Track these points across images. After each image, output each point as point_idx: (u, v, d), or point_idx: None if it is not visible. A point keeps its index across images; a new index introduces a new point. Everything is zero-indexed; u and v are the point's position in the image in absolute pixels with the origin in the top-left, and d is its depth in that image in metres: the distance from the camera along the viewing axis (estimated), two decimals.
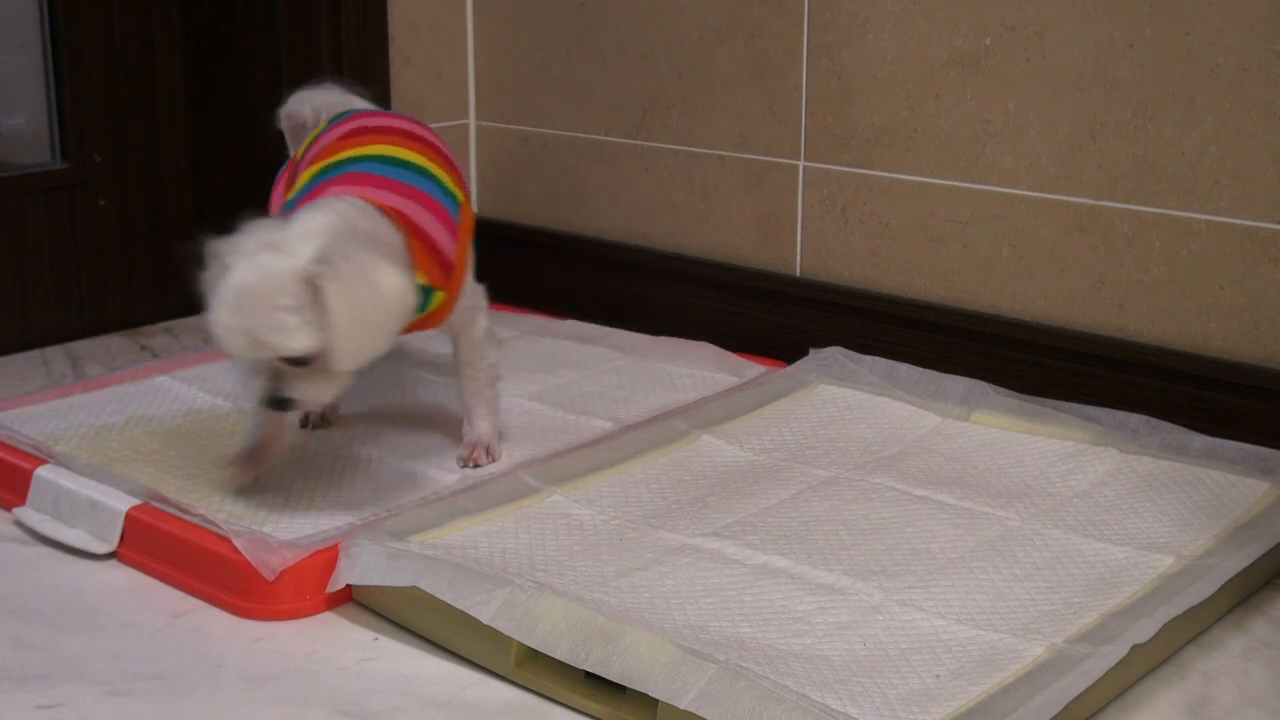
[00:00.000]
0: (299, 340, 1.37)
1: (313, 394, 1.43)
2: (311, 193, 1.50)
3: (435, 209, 1.52)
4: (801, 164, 2.01)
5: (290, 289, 1.35)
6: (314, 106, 1.71)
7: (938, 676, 1.21)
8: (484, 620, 1.28)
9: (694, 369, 1.95)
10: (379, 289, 1.39)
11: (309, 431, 1.73)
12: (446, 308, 1.53)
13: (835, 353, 1.92)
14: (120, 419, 1.76)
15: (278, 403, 1.43)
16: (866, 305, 1.96)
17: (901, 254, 1.94)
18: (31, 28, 2.18)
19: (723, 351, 1.99)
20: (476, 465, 1.63)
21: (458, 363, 1.63)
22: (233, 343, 1.38)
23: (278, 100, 1.74)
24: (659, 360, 1.99)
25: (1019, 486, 1.59)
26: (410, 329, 1.50)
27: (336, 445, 1.69)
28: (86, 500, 1.54)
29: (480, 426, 1.64)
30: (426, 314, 1.50)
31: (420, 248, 1.47)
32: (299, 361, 1.39)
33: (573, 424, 1.76)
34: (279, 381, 1.41)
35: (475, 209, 1.73)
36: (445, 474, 1.61)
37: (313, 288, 1.36)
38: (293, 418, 1.74)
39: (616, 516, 1.52)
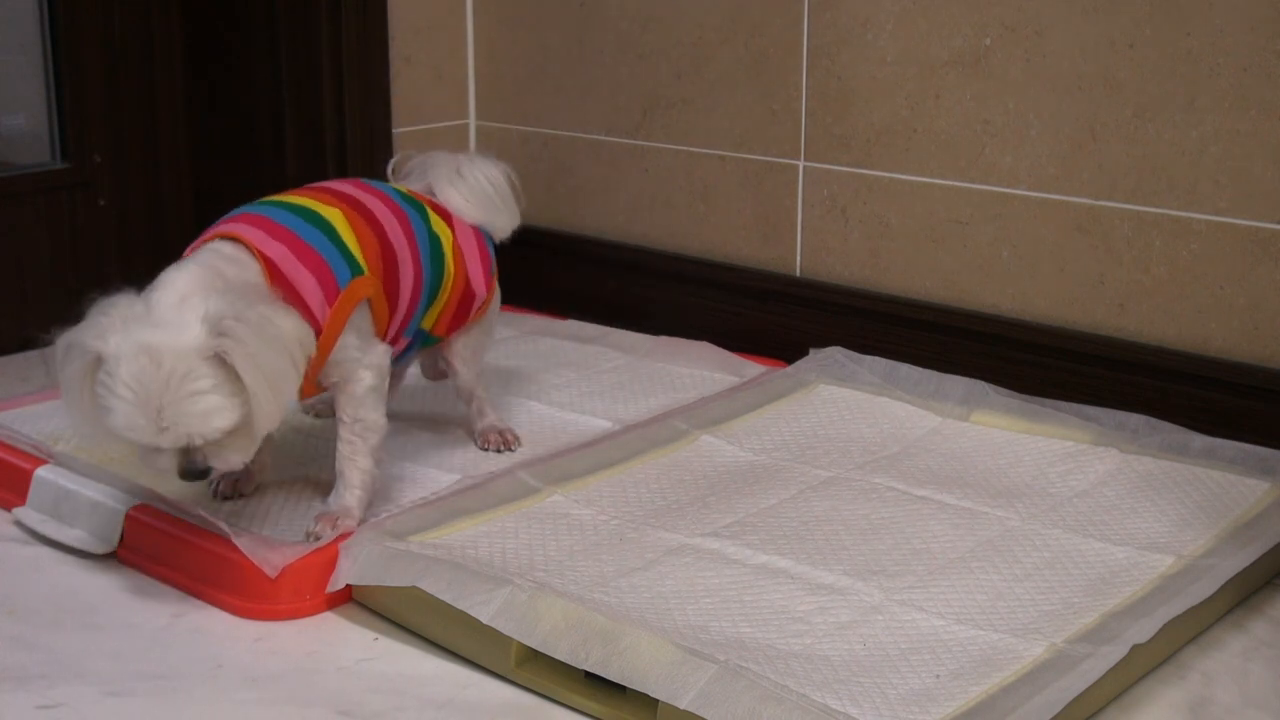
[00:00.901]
0: (224, 419, 1.28)
1: (235, 458, 1.33)
2: (205, 231, 1.43)
3: (311, 261, 1.40)
4: (801, 164, 2.01)
5: (200, 370, 1.26)
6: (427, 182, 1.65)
7: (938, 676, 1.21)
8: (484, 620, 1.28)
9: (694, 369, 1.95)
10: (279, 339, 1.31)
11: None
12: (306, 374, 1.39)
13: (835, 353, 1.92)
14: None
15: (199, 474, 1.33)
16: (866, 305, 1.96)
17: (901, 254, 1.94)
18: (31, 28, 2.18)
19: (723, 351, 1.99)
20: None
21: (337, 419, 1.49)
22: (149, 437, 1.28)
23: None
24: (659, 360, 1.99)
25: (1019, 486, 1.59)
26: None
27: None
28: (86, 500, 1.54)
29: (344, 497, 1.47)
30: None
31: (284, 299, 1.36)
32: None
33: (573, 424, 1.76)
34: (192, 453, 1.31)
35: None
36: (445, 474, 1.61)
37: (219, 361, 1.27)
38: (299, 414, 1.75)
39: (616, 516, 1.52)
